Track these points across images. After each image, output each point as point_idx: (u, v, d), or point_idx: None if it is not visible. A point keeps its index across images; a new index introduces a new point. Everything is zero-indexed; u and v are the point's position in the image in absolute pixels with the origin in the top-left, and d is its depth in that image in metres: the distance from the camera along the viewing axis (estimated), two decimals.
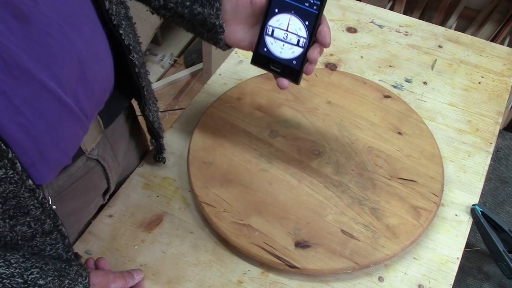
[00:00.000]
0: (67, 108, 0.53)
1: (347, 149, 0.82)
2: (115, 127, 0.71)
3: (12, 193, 0.49)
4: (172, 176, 0.82)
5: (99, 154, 0.68)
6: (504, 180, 1.22)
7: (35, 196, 0.51)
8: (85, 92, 0.55)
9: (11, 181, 0.48)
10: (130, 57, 0.64)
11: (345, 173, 0.79)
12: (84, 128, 0.59)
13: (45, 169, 0.54)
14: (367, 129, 0.85)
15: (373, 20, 1.11)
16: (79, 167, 0.64)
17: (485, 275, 1.01)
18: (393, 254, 0.70)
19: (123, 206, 0.78)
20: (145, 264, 0.71)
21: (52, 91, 0.50)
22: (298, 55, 0.62)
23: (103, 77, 0.60)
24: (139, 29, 0.69)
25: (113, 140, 0.71)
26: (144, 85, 0.69)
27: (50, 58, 0.48)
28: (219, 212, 0.74)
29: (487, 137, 0.89)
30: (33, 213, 0.53)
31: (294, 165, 0.80)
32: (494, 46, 1.06)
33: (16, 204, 0.50)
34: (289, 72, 0.63)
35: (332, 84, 0.92)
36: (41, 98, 0.49)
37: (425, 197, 0.76)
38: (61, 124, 0.53)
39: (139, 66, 0.66)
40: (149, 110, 0.74)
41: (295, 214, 0.74)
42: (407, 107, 0.89)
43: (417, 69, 1.01)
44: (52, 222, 0.55)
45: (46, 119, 0.51)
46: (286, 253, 0.69)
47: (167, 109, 2.16)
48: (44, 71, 0.48)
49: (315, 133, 0.84)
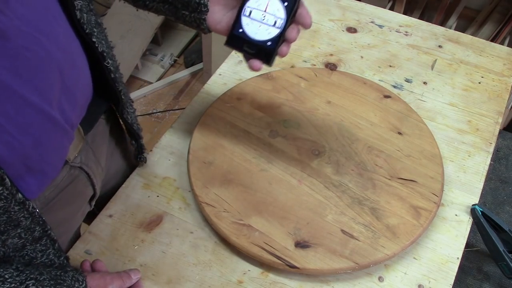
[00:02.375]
0: (52, 121, 0.52)
1: (347, 149, 0.82)
2: (95, 132, 0.71)
3: (3, 209, 0.49)
4: (172, 176, 0.82)
5: (82, 161, 0.67)
6: (504, 180, 1.22)
7: (25, 207, 0.51)
8: (68, 102, 0.55)
9: (1, 197, 0.48)
10: (105, 63, 0.64)
11: (345, 173, 0.79)
12: (70, 139, 0.59)
13: (33, 184, 0.54)
14: (367, 129, 0.85)
15: (373, 20, 1.11)
16: (63, 177, 0.64)
17: (485, 275, 1.01)
18: (393, 254, 0.70)
19: (123, 206, 0.78)
20: (145, 264, 0.71)
21: (36, 106, 0.49)
22: (274, 36, 0.62)
23: (83, 84, 0.60)
24: (139, 29, 0.69)
25: (94, 146, 0.71)
26: (121, 89, 0.69)
27: (31, 72, 0.48)
28: (219, 212, 0.74)
29: (487, 137, 0.89)
30: (23, 224, 0.52)
31: (294, 165, 0.80)
32: (494, 46, 1.06)
33: (7, 219, 0.50)
34: (262, 54, 0.63)
35: (332, 84, 0.92)
36: (24, 113, 0.49)
37: (425, 197, 0.76)
38: (48, 138, 0.53)
39: (114, 71, 0.66)
40: (127, 113, 0.73)
41: (295, 214, 0.74)
42: (407, 107, 0.89)
43: (417, 69, 1.01)
44: (41, 228, 0.55)
45: (32, 134, 0.50)
46: (286, 253, 0.69)
47: (167, 109, 2.16)
48: (26, 86, 0.48)
49: (315, 133, 0.84)
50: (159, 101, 2.19)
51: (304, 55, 1.02)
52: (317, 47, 1.04)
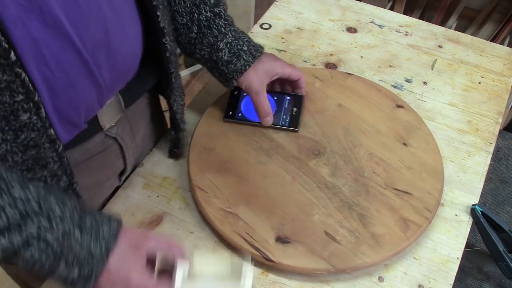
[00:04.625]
0: (87, 67, 0.53)
1: (347, 153, 0.81)
2: (136, 108, 0.72)
3: (33, 142, 0.49)
4: (172, 176, 0.82)
5: (117, 132, 0.68)
6: (504, 180, 1.22)
7: (55, 147, 0.51)
8: (107, 60, 0.56)
9: (34, 127, 0.48)
10: (163, 40, 0.64)
11: (341, 176, 0.78)
12: (100, 96, 0.59)
13: (59, 125, 0.54)
14: (372, 136, 0.84)
15: (373, 20, 1.11)
16: (96, 143, 0.65)
17: (485, 275, 1.01)
18: (372, 262, 0.69)
19: (123, 206, 0.78)
20: None
21: (77, 47, 0.50)
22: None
23: (128, 52, 0.60)
24: None
25: (132, 121, 0.72)
26: (173, 71, 0.70)
27: (79, 17, 0.49)
28: (209, 197, 0.75)
29: (487, 137, 0.89)
30: (51, 166, 0.52)
31: (292, 162, 0.80)
32: (494, 46, 1.06)
33: (36, 154, 0.50)
34: None
35: (346, 88, 0.92)
36: (66, 51, 0.50)
37: (417, 211, 0.74)
38: (79, 82, 0.53)
39: (171, 52, 0.67)
40: (174, 100, 0.75)
41: (283, 210, 0.74)
42: (418, 119, 0.87)
43: (417, 69, 1.01)
44: (68, 179, 0.54)
45: (67, 74, 0.51)
46: (265, 246, 0.70)
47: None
48: (72, 28, 0.49)
49: (319, 133, 0.84)
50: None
51: (304, 55, 1.02)
52: (317, 47, 1.04)
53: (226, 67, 0.76)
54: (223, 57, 0.75)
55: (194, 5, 0.72)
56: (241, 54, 0.76)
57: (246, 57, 0.76)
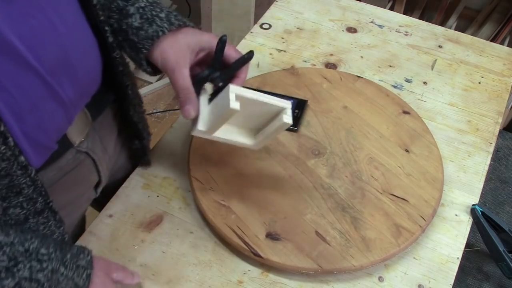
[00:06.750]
0: (49, 88, 0.52)
1: (347, 155, 0.81)
2: (103, 120, 0.71)
3: (5, 171, 0.48)
4: (172, 176, 0.82)
5: (88, 146, 0.67)
6: (504, 180, 1.22)
7: (27, 173, 0.51)
8: (68, 77, 0.55)
9: (3, 157, 0.47)
10: (114, 55, 0.63)
11: (338, 178, 0.78)
12: (67, 114, 0.58)
13: (30, 150, 0.54)
14: (375, 140, 0.84)
15: (373, 20, 1.11)
16: (68, 160, 0.64)
17: (485, 275, 1.01)
18: (360, 266, 0.69)
19: (123, 206, 0.78)
20: (145, 264, 0.71)
21: (36, 70, 0.50)
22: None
23: (88, 66, 0.59)
24: None
25: (102, 133, 0.71)
26: (128, 84, 0.69)
27: (33, 39, 0.49)
28: (205, 189, 0.75)
29: (487, 137, 0.89)
30: (25, 192, 0.52)
31: (291, 160, 0.80)
32: (494, 46, 1.06)
33: (9, 183, 0.50)
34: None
35: (353, 91, 0.91)
36: (25, 76, 0.49)
37: (412, 218, 0.74)
38: (44, 104, 0.53)
39: (123, 65, 0.66)
40: (134, 111, 0.73)
41: (276, 207, 0.74)
42: (423, 127, 0.86)
43: (417, 69, 1.01)
44: (43, 199, 0.54)
45: (30, 98, 0.50)
46: (255, 241, 0.70)
47: (167, 109, 2.16)
48: (28, 50, 0.48)
49: (321, 134, 0.84)
50: (159, 101, 2.19)
51: (304, 55, 1.02)
52: (317, 47, 1.04)
53: (136, 35, 0.63)
54: (133, 24, 0.63)
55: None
56: (155, 20, 0.63)
57: (160, 23, 0.62)
